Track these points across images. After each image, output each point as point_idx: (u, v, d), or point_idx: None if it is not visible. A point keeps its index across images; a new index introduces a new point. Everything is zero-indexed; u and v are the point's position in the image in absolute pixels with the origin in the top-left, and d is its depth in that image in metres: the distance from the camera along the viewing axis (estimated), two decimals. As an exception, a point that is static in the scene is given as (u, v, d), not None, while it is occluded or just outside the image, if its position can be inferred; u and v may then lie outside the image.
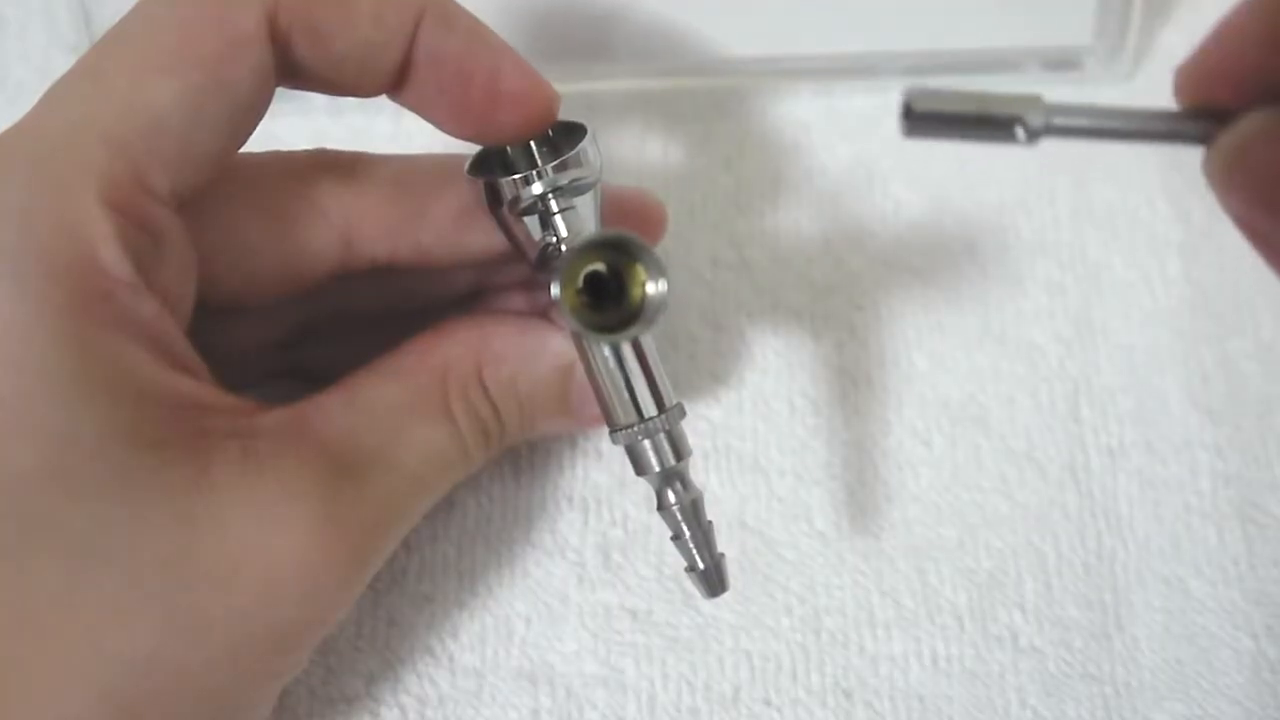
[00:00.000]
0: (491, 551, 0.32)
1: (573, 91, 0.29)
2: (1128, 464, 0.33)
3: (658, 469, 0.27)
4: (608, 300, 0.26)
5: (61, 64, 0.39)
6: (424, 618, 0.31)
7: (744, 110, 0.39)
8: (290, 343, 0.32)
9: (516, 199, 0.27)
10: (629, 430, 0.27)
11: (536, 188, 0.27)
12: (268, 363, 0.32)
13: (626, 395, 0.27)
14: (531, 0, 0.37)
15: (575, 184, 0.27)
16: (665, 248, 0.35)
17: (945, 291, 0.36)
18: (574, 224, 0.28)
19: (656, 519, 0.28)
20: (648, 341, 0.27)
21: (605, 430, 0.28)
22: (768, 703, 0.30)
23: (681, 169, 0.38)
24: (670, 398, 0.28)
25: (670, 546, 0.28)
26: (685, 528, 0.27)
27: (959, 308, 0.35)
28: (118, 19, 0.26)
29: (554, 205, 0.27)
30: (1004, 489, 0.33)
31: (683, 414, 0.28)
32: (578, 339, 0.28)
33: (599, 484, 0.33)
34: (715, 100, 0.39)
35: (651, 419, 0.27)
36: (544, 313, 0.31)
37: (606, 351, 0.27)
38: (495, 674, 0.31)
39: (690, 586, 0.29)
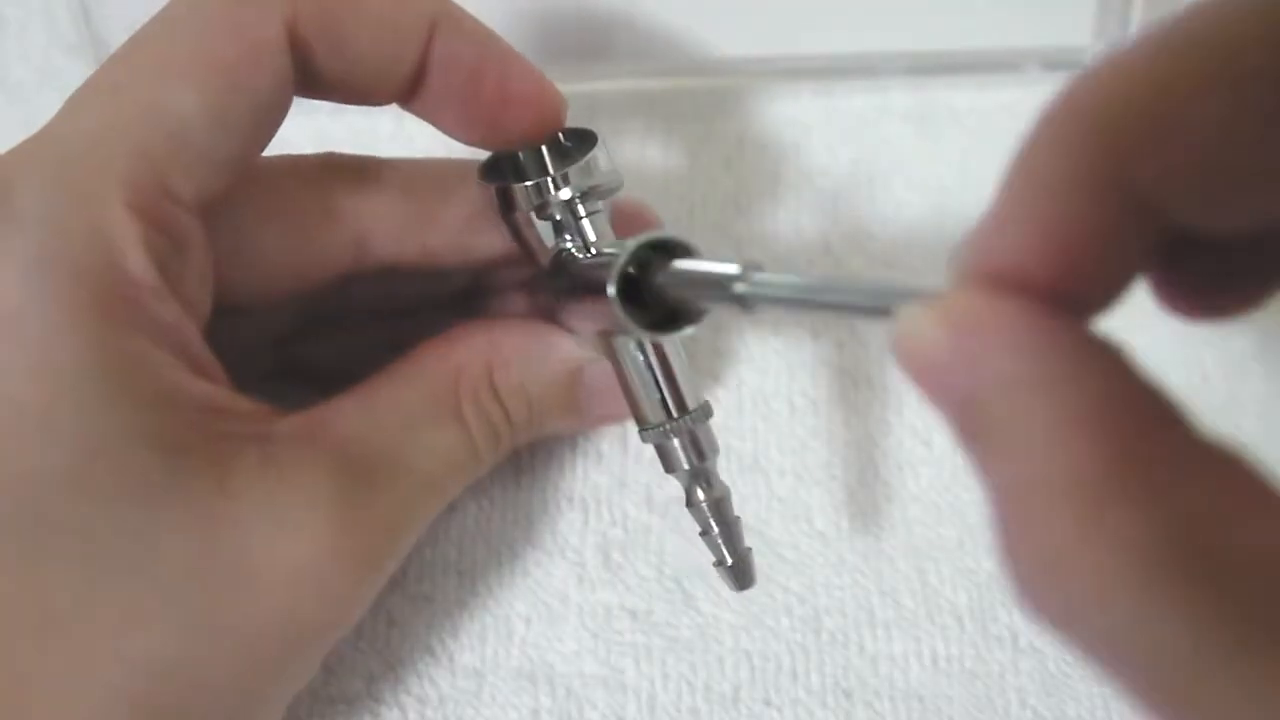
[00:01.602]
0: (491, 551, 0.32)
1: (574, 91, 0.29)
2: (1128, 464, 0.33)
3: (686, 467, 0.28)
4: (635, 301, 0.26)
5: (61, 64, 0.39)
6: (424, 618, 0.31)
7: (744, 110, 0.39)
8: (289, 340, 0.32)
9: (544, 205, 0.28)
10: (658, 429, 0.28)
11: (565, 193, 0.27)
12: (265, 360, 0.32)
13: (656, 395, 0.28)
14: (532, 1, 0.37)
15: (599, 189, 0.28)
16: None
17: (945, 291, 0.36)
18: (600, 228, 0.28)
19: (656, 519, 0.28)
20: (675, 342, 0.28)
21: (606, 430, 0.28)
22: (768, 703, 0.30)
23: (681, 169, 0.38)
24: (697, 397, 0.28)
25: (670, 546, 0.28)
26: (713, 524, 0.28)
27: (959, 308, 0.35)
28: (118, 19, 0.26)
29: (581, 210, 0.28)
30: (1004, 489, 0.33)
31: (709, 413, 0.28)
32: (605, 338, 0.28)
33: (599, 484, 0.33)
34: (715, 100, 0.39)
35: (679, 418, 0.28)
36: (548, 314, 0.31)
37: (635, 352, 0.28)
38: (495, 674, 0.31)
39: (690, 587, 0.29)
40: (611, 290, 0.25)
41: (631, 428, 0.33)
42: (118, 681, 0.23)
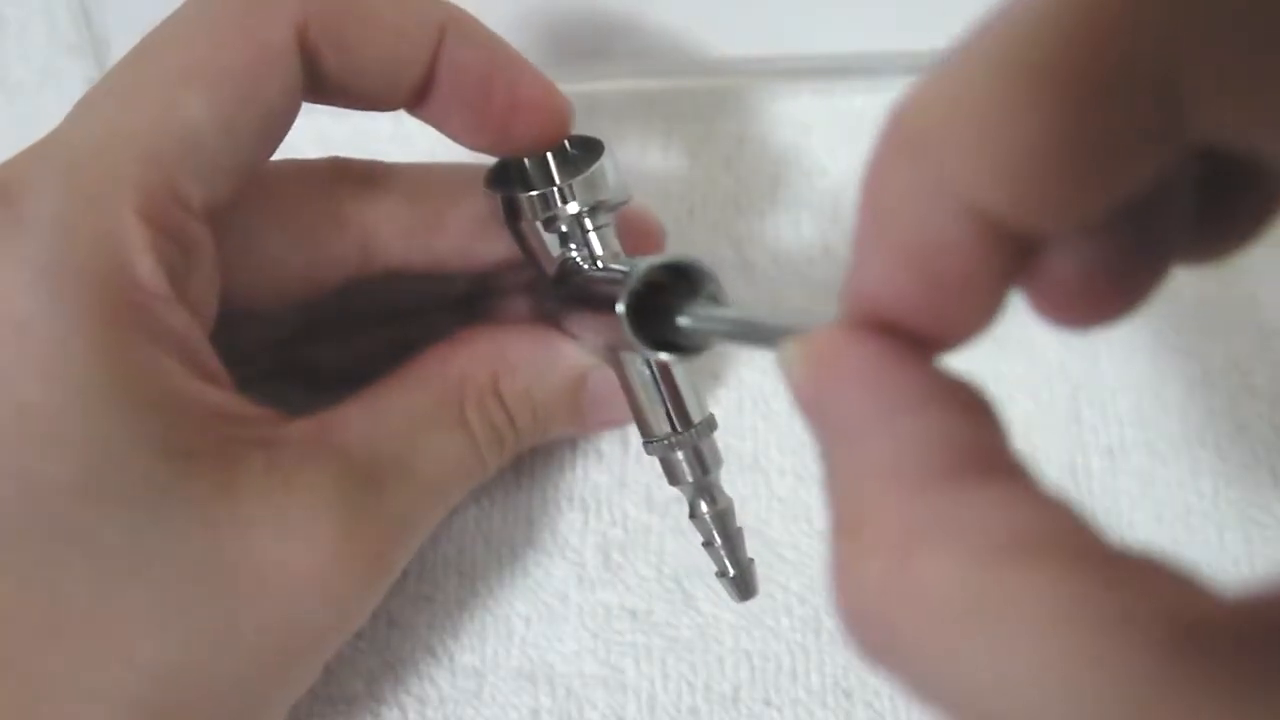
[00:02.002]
0: (491, 551, 0.32)
1: (574, 92, 0.29)
2: (1128, 464, 0.33)
3: (690, 480, 0.28)
4: (643, 317, 0.26)
5: (62, 64, 0.39)
6: (424, 618, 0.31)
7: (744, 110, 0.39)
8: (290, 340, 0.32)
9: (553, 218, 0.27)
10: (662, 443, 0.28)
11: (573, 207, 0.27)
12: (264, 361, 0.32)
13: (661, 409, 0.28)
14: (532, 1, 0.37)
15: (607, 203, 0.28)
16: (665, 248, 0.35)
17: (945, 291, 0.36)
18: (607, 242, 0.28)
19: (656, 519, 0.28)
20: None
21: (607, 431, 0.28)
22: (768, 703, 0.30)
23: (681, 169, 0.38)
24: (702, 411, 0.28)
25: (670, 546, 0.28)
26: (716, 536, 0.28)
27: (959, 308, 0.35)
28: (118, 19, 0.26)
29: (589, 224, 0.28)
30: (1004, 489, 0.33)
31: (713, 427, 0.28)
32: (611, 350, 0.28)
33: (599, 484, 0.33)
34: (715, 100, 0.39)
35: (684, 432, 0.28)
36: (550, 318, 0.31)
37: (641, 366, 0.28)
38: (495, 674, 0.31)
39: (690, 587, 0.29)
40: (621, 309, 0.25)
41: (632, 428, 0.33)
42: (128, 688, 0.23)
